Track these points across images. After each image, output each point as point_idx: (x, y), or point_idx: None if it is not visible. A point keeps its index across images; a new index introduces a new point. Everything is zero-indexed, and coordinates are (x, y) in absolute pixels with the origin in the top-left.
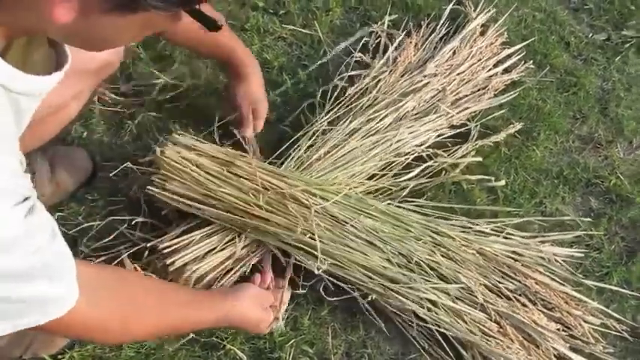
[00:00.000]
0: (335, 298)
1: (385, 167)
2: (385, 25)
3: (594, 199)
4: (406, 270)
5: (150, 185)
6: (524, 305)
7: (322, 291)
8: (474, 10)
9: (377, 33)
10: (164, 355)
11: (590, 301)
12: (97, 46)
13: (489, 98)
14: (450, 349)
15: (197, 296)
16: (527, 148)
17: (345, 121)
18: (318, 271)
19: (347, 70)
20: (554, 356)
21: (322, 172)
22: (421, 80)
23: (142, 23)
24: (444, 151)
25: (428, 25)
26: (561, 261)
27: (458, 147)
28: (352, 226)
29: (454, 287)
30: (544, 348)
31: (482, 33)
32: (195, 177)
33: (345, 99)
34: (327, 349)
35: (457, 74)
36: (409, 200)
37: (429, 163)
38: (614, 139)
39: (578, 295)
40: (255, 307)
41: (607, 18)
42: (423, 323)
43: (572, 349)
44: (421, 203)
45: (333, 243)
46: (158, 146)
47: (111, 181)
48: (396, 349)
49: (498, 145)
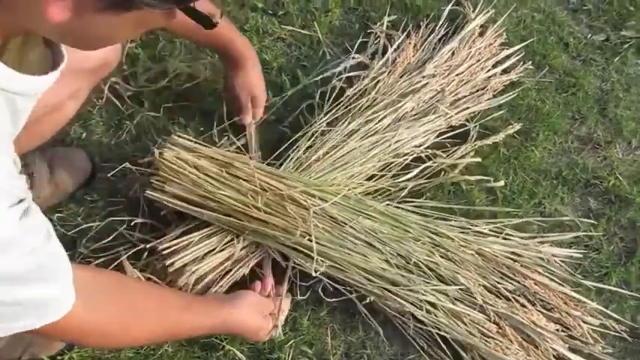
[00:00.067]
0: (334, 299)
1: (384, 168)
2: (384, 26)
3: (593, 200)
4: (405, 271)
5: (149, 187)
6: (523, 306)
7: (321, 292)
8: (473, 11)
9: (376, 34)
10: (163, 356)
11: (589, 302)
12: (92, 45)
13: (488, 99)
14: (449, 350)
15: (195, 302)
16: (526, 149)
17: (344, 122)
18: (315, 274)
19: (346, 71)
20: (553, 357)
21: (321, 173)
22: (420, 81)
23: (136, 21)
24: (443, 152)
25: (427, 26)
26: (560, 261)
27: (457, 147)
28: (351, 227)
29: (453, 289)
30: (543, 348)
31: (481, 34)
32: (193, 179)
33: (344, 100)
34: (327, 350)
35: (456, 75)
36: (408, 201)
37: (428, 164)
38: (612, 140)
39: (577, 296)
40: (254, 315)
41: (606, 19)
42: (422, 326)
43: (571, 350)
44: (420, 204)
45: (332, 245)
46: (157, 148)
47: (110, 182)
48: (395, 350)
49: (497, 146)
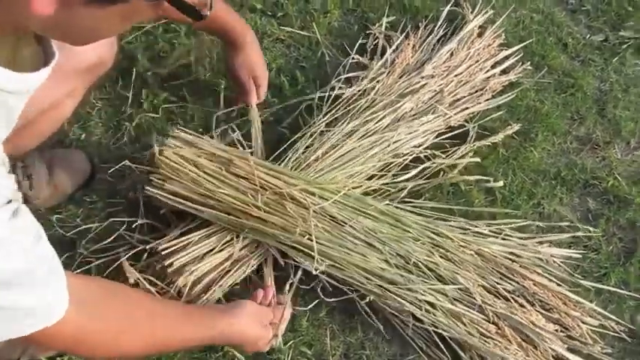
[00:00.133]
0: (333, 299)
1: (383, 168)
2: (383, 27)
3: (592, 200)
4: (404, 271)
5: (148, 184)
6: (522, 306)
7: (320, 292)
8: (472, 12)
9: (375, 35)
10: (162, 357)
11: (587, 303)
12: (80, 39)
13: (487, 99)
14: (448, 351)
15: (192, 312)
16: (524, 149)
17: (343, 123)
18: (315, 272)
19: (344, 72)
20: (552, 357)
21: (320, 173)
22: (419, 82)
23: (122, 14)
24: (442, 152)
25: (425, 27)
26: (559, 262)
27: (456, 148)
28: (351, 227)
29: (452, 288)
30: (542, 349)
31: (479, 34)
32: (193, 177)
33: (343, 101)
34: (326, 351)
35: (455, 75)
36: (407, 201)
37: (427, 164)
38: (611, 140)
39: (575, 297)
40: (253, 325)
41: (604, 19)
42: (421, 324)
43: (570, 350)
44: (419, 204)
45: (332, 244)
46: (157, 145)
47: (109, 183)
48: (395, 350)
49: (496, 146)
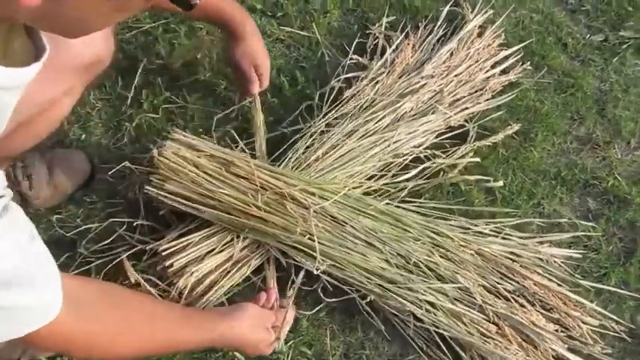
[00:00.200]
0: (333, 299)
1: (384, 168)
2: (383, 27)
3: (592, 200)
4: (404, 271)
5: (148, 185)
6: (522, 306)
7: (320, 292)
8: (472, 12)
9: (374, 35)
10: (162, 357)
11: (587, 303)
12: (69, 31)
13: (487, 99)
14: (449, 351)
15: (192, 315)
16: (524, 149)
17: (343, 123)
18: (316, 272)
19: (344, 72)
20: (552, 357)
21: (321, 173)
22: (419, 82)
23: (111, 5)
24: (442, 152)
25: (425, 27)
26: (559, 262)
27: (456, 148)
28: (351, 227)
29: (452, 287)
30: (542, 349)
31: (479, 34)
32: (193, 177)
33: (343, 101)
34: (326, 351)
35: (455, 75)
36: (407, 201)
37: (427, 164)
38: (611, 140)
39: (575, 297)
40: (255, 328)
41: (604, 19)
42: (422, 324)
43: (570, 350)
44: (419, 204)
45: (332, 244)
46: (157, 146)
47: (109, 184)
48: (395, 350)
49: (496, 146)
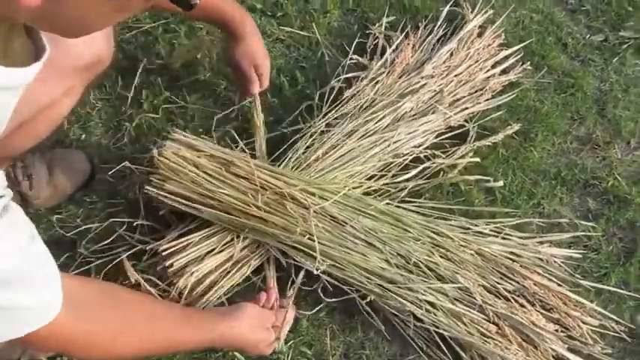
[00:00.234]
0: (333, 299)
1: (384, 168)
2: (383, 27)
3: (592, 200)
4: (404, 271)
5: (148, 185)
6: (522, 306)
7: (320, 292)
8: (472, 12)
9: (374, 35)
10: (161, 358)
11: (587, 303)
12: (69, 31)
13: (487, 99)
14: (449, 351)
15: (192, 315)
16: (524, 149)
17: (343, 122)
18: (316, 272)
19: (344, 72)
20: (552, 357)
21: (321, 173)
22: (419, 82)
23: (111, 4)
24: (442, 152)
25: (425, 27)
26: (559, 262)
27: (456, 148)
28: (351, 227)
29: (452, 287)
30: (542, 349)
31: (479, 34)
32: (192, 177)
33: (343, 101)
34: (326, 351)
35: (455, 75)
36: (407, 201)
37: (427, 164)
38: (611, 140)
39: (575, 297)
40: (255, 328)
41: (604, 19)
42: (422, 324)
43: (570, 350)
44: (419, 204)
45: (332, 244)
46: (156, 146)
47: (109, 184)
48: (395, 351)
49: (496, 146)
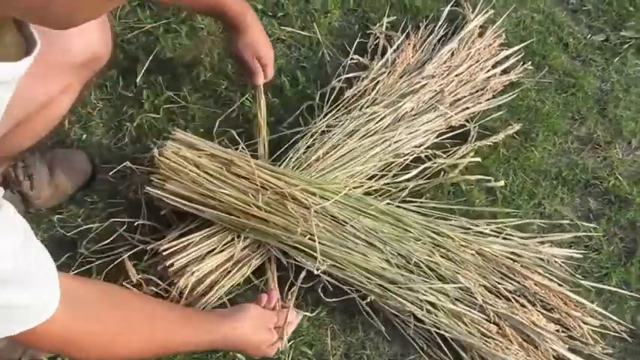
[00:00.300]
0: (334, 299)
1: (384, 168)
2: (383, 27)
3: (593, 200)
4: (405, 271)
5: (149, 185)
6: (523, 306)
7: (321, 292)
8: (472, 12)
9: (375, 35)
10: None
11: (588, 303)
12: (61, 21)
13: (488, 99)
14: (449, 351)
15: (193, 316)
16: (525, 149)
17: (344, 122)
18: (317, 272)
19: (345, 72)
20: (553, 357)
21: (322, 173)
22: (419, 82)
23: None
24: (443, 152)
25: (426, 27)
26: (560, 262)
27: (457, 148)
28: (352, 227)
29: (453, 287)
30: (543, 349)
31: (480, 34)
32: (193, 177)
33: (344, 101)
34: (326, 351)
35: (455, 75)
36: (408, 201)
37: (428, 164)
38: (612, 140)
39: (576, 297)
40: (257, 329)
41: (605, 19)
42: (423, 324)
43: (571, 350)
44: (420, 204)
45: (333, 244)
46: (157, 146)
47: (110, 184)
48: (395, 351)
49: (497, 146)
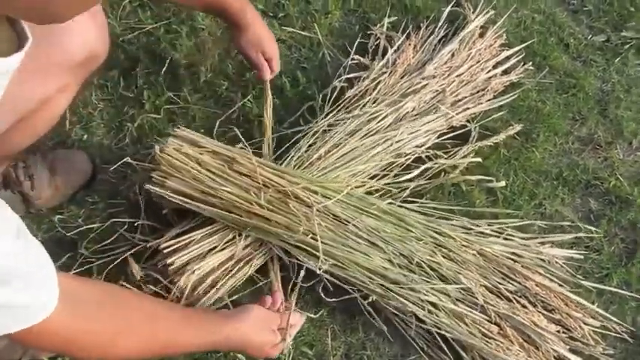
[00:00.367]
0: (334, 299)
1: (386, 168)
2: (384, 28)
3: (594, 201)
4: (407, 271)
5: (149, 182)
6: (524, 307)
7: (322, 292)
8: (473, 12)
9: (376, 35)
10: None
11: (588, 304)
12: (42, 15)
13: (489, 100)
14: (450, 351)
15: (191, 316)
16: (526, 150)
17: (345, 122)
18: (319, 271)
19: (346, 73)
20: (554, 358)
21: (323, 172)
22: (420, 82)
23: None
24: (444, 153)
25: (427, 27)
26: (561, 263)
27: (458, 148)
28: (354, 226)
29: (454, 288)
30: (544, 350)
31: (481, 35)
32: (194, 174)
33: (345, 101)
34: (327, 351)
35: (456, 76)
36: (409, 201)
37: (429, 165)
38: (613, 141)
39: (576, 298)
40: (261, 330)
41: (606, 19)
42: (423, 325)
43: (572, 351)
44: (421, 204)
45: (335, 243)
46: (158, 145)
47: (111, 184)
48: (396, 351)
49: (498, 147)
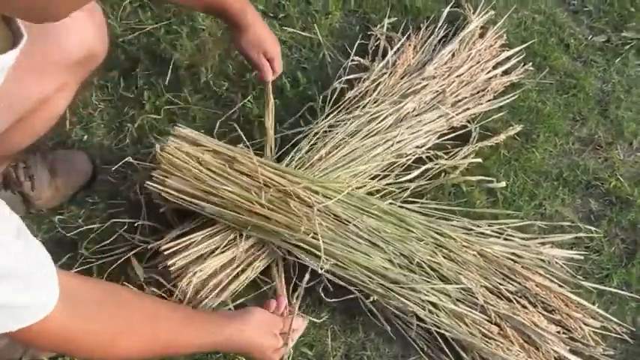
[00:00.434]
0: (334, 300)
1: (386, 168)
2: (384, 28)
3: (594, 201)
4: (407, 271)
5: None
6: (524, 307)
7: (322, 293)
8: (473, 13)
9: (376, 36)
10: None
11: (589, 305)
12: (41, 15)
13: (489, 100)
14: (450, 352)
15: (193, 316)
16: (526, 150)
17: (346, 122)
18: (321, 271)
19: (346, 74)
20: (554, 358)
21: (324, 172)
22: (420, 82)
23: None
24: (444, 153)
25: (427, 28)
26: (561, 263)
27: (458, 149)
28: (355, 226)
29: (455, 288)
30: (544, 350)
31: (481, 35)
32: (195, 173)
33: (345, 102)
34: (327, 352)
35: (456, 76)
36: (410, 201)
37: (429, 165)
38: (614, 141)
39: (577, 298)
40: (263, 333)
41: (607, 20)
42: (424, 325)
43: (572, 352)
44: (421, 205)
45: (335, 243)
46: (158, 143)
47: (111, 184)
48: (396, 352)
49: (498, 147)
